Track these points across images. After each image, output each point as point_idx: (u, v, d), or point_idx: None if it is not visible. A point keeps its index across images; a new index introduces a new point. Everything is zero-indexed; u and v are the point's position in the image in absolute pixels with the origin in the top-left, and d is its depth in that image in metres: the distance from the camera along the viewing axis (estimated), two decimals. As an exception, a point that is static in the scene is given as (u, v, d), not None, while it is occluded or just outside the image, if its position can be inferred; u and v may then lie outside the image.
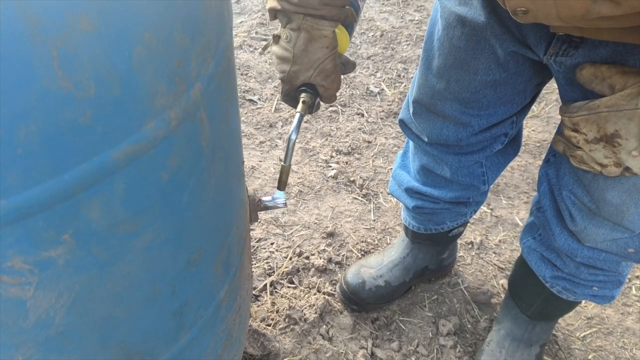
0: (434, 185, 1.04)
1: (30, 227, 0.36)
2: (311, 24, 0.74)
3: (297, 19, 0.74)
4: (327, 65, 0.77)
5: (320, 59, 0.76)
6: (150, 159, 0.43)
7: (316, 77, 0.78)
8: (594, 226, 0.80)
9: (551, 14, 0.55)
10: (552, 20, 0.57)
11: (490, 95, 0.84)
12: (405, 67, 2.01)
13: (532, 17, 0.58)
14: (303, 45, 0.75)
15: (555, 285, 0.97)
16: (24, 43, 0.31)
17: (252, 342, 1.12)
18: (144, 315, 0.53)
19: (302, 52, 0.76)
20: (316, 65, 0.77)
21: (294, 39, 0.75)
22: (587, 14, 0.52)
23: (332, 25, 0.75)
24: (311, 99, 0.81)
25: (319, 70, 0.77)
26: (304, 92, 0.80)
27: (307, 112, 0.82)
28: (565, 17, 0.55)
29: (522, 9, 0.57)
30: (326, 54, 0.76)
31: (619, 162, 0.65)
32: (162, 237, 0.49)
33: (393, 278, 1.21)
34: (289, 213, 1.45)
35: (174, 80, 0.42)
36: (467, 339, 1.20)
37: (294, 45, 0.76)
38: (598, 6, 0.51)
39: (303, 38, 0.75)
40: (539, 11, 0.56)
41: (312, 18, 0.73)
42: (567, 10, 0.53)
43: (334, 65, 0.78)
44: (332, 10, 0.74)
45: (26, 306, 0.40)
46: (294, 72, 0.78)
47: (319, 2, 0.72)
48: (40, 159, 0.34)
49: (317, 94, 0.81)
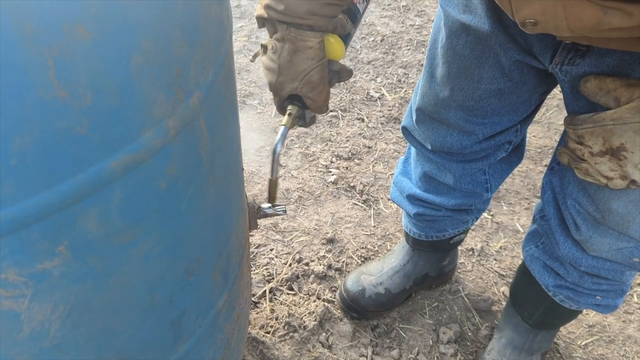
0: (436, 193, 1.04)
1: (25, 238, 0.36)
2: (295, 35, 0.71)
3: (281, 29, 0.71)
4: (314, 77, 0.74)
5: (306, 70, 0.73)
6: (149, 168, 0.42)
7: (302, 89, 0.75)
8: (599, 235, 0.79)
9: (561, 25, 0.54)
10: (561, 31, 0.56)
11: (495, 104, 0.83)
12: (406, 72, 2.01)
13: (542, 28, 0.57)
14: (288, 57, 0.73)
15: (558, 294, 0.96)
16: (20, 52, 0.30)
17: (251, 350, 1.11)
18: (142, 326, 0.52)
19: (287, 63, 0.73)
20: (302, 76, 0.74)
21: (279, 49, 0.73)
22: (598, 25, 0.51)
23: (317, 37, 0.72)
24: (298, 112, 0.78)
25: (304, 82, 0.75)
26: (290, 104, 0.78)
27: (298, 125, 0.80)
28: (576, 29, 0.54)
29: (531, 21, 0.57)
30: (312, 65, 0.73)
31: (624, 175, 0.64)
32: (160, 247, 0.48)
33: (393, 285, 1.20)
34: (288, 219, 1.44)
35: (172, 88, 0.41)
36: (467, 347, 1.19)
37: (279, 56, 0.73)
38: (609, 17, 0.50)
39: (287, 49, 0.72)
40: (549, 23, 0.55)
41: (295, 29, 0.71)
42: (577, 22, 0.53)
43: (321, 77, 0.75)
44: (319, 20, 0.71)
45: (20, 318, 0.40)
46: (279, 84, 0.76)
47: (306, 12, 0.69)
48: (35, 170, 0.34)
49: (305, 106, 0.79)
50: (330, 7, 0.70)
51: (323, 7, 0.69)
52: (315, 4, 0.68)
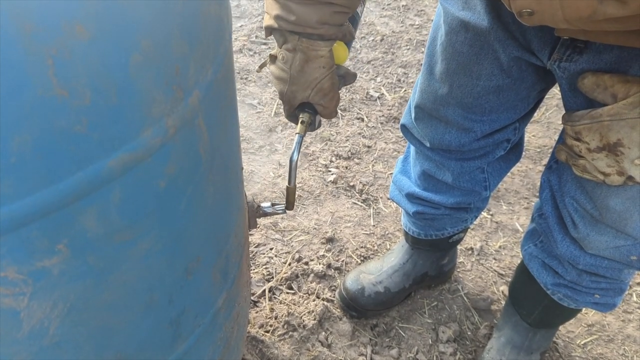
0: (435, 191, 1.04)
1: (24, 236, 0.36)
2: (307, 45, 0.72)
3: (293, 39, 0.73)
4: (325, 85, 0.76)
5: (318, 78, 0.75)
6: (148, 167, 0.42)
7: (314, 97, 0.77)
8: (597, 233, 0.79)
9: (557, 15, 0.55)
10: (558, 22, 0.56)
11: (493, 101, 0.83)
12: (406, 72, 2.01)
13: (538, 18, 0.57)
14: (299, 66, 0.74)
15: (556, 293, 0.97)
16: (19, 51, 0.30)
17: (251, 349, 1.11)
18: (141, 325, 0.52)
19: (299, 72, 0.75)
20: (313, 85, 0.76)
21: (290, 59, 0.74)
22: (594, 15, 0.51)
23: (328, 45, 0.74)
24: (310, 118, 0.80)
25: (316, 90, 0.76)
26: (302, 112, 0.80)
27: (309, 130, 0.82)
28: (571, 19, 0.54)
29: (527, 10, 0.57)
30: (323, 74, 0.75)
31: (621, 171, 0.64)
32: (159, 246, 0.48)
33: (392, 284, 1.20)
34: (288, 218, 1.44)
35: (171, 87, 0.41)
36: (467, 346, 1.19)
37: (291, 66, 0.75)
38: (604, 7, 0.50)
39: (299, 59, 0.74)
40: (545, 12, 0.56)
41: (307, 39, 0.72)
42: (573, 12, 0.53)
43: (332, 84, 0.77)
44: (330, 29, 0.72)
45: (20, 317, 0.40)
46: (291, 92, 0.77)
47: (317, 21, 0.70)
48: (34, 168, 0.34)
49: (316, 112, 0.81)
50: (339, 15, 0.72)
51: (332, 16, 0.71)
52: (325, 12, 0.70)
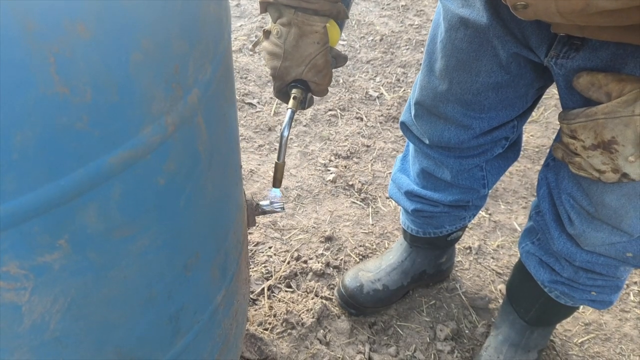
0: (434, 189, 1.05)
1: (26, 232, 0.36)
2: (302, 19, 0.73)
3: (288, 13, 0.73)
4: (319, 61, 0.76)
5: (312, 54, 0.75)
6: (147, 164, 0.42)
7: (307, 73, 0.77)
8: (593, 230, 0.80)
9: (550, 8, 0.55)
10: (551, 16, 0.57)
11: (492, 98, 0.84)
12: (405, 72, 2.01)
13: (532, 12, 0.58)
14: (294, 41, 0.74)
15: (553, 290, 0.97)
16: (21, 48, 0.31)
17: (249, 347, 1.11)
18: (140, 320, 0.52)
19: (293, 47, 0.75)
20: (307, 61, 0.76)
21: (285, 34, 0.74)
22: (587, 8, 0.52)
23: (323, 21, 0.74)
24: (302, 95, 0.80)
25: (310, 66, 0.76)
26: (294, 87, 0.80)
27: (300, 108, 0.82)
28: (565, 12, 0.55)
29: (522, 4, 0.58)
30: (317, 50, 0.75)
31: (616, 169, 0.65)
32: (158, 242, 0.49)
33: (391, 282, 1.21)
34: (287, 217, 1.45)
35: (171, 85, 0.42)
36: (464, 344, 1.20)
37: (285, 41, 0.74)
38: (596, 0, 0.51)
39: (294, 33, 0.74)
40: (539, 5, 0.56)
41: (303, 13, 0.72)
42: (566, 5, 0.54)
43: (325, 61, 0.77)
44: (324, 5, 0.72)
45: (21, 311, 0.40)
46: (285, 68, 0.77)
47: None
48: (36, 164, 0.34)
49: (308, 89, 0.80)
50: None
51: None
52: None
